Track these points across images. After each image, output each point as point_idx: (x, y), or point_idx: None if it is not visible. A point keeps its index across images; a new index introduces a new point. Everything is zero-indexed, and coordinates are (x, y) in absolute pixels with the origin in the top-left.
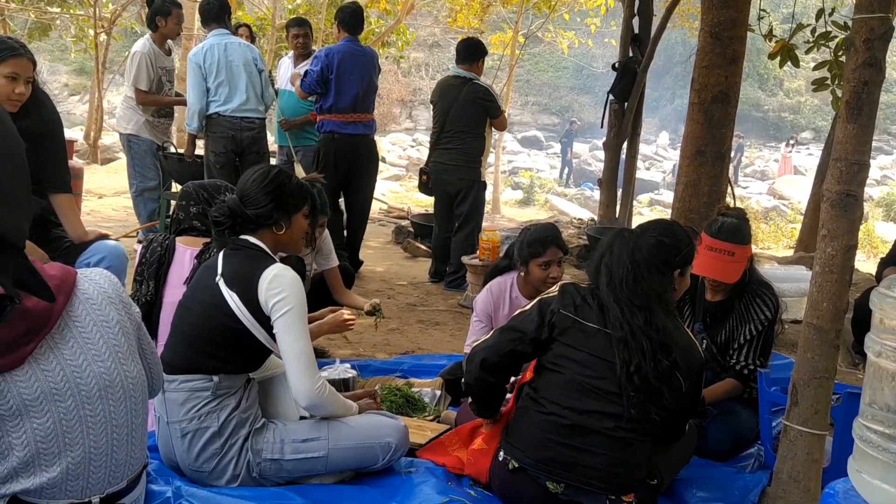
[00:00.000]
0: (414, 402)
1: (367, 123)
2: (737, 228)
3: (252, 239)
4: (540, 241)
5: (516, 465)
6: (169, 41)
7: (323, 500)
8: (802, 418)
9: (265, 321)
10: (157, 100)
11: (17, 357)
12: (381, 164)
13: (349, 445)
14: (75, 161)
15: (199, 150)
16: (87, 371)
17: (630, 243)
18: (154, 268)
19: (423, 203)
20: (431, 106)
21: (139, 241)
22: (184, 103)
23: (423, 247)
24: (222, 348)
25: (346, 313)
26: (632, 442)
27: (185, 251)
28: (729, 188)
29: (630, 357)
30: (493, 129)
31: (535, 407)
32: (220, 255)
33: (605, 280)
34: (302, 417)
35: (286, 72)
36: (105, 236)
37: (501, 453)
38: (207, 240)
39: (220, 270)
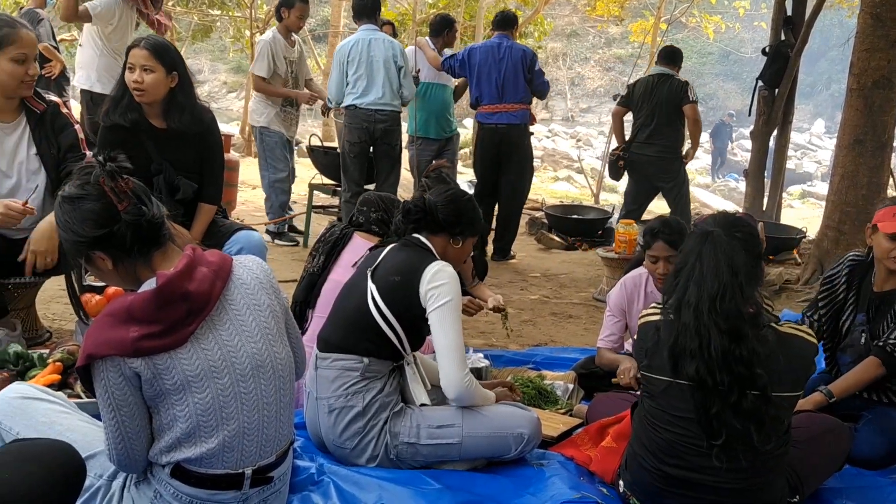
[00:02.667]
0: (546, 395)
1: (513, 113)
2: None
3: (424, 239)
4: (649, 231)
5: None
6: (293, 34)
7: (456, 485)
8: None
9: (407, 316)
10: (271, 90)
11: (181, 337)
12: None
13: (483, 434)
14: (232, 154)
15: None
16: (241, 351)
17: (725, 245)
18: (329, 246)
19: (558, 194)
20: (624, 101)
21: (268, 232)
22: (292, 95)
23: (557, 238)
24: (371, 333)
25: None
26: (752, 485)
27: (362, 242)
28: (890, 179)
29: (708, 402)
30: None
31: (644, 454)
32: (387, 249)
33: (693, 299)
34: (422, 405)
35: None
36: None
37: (622, 485)
38: (382, 240)
39: (376, 263)
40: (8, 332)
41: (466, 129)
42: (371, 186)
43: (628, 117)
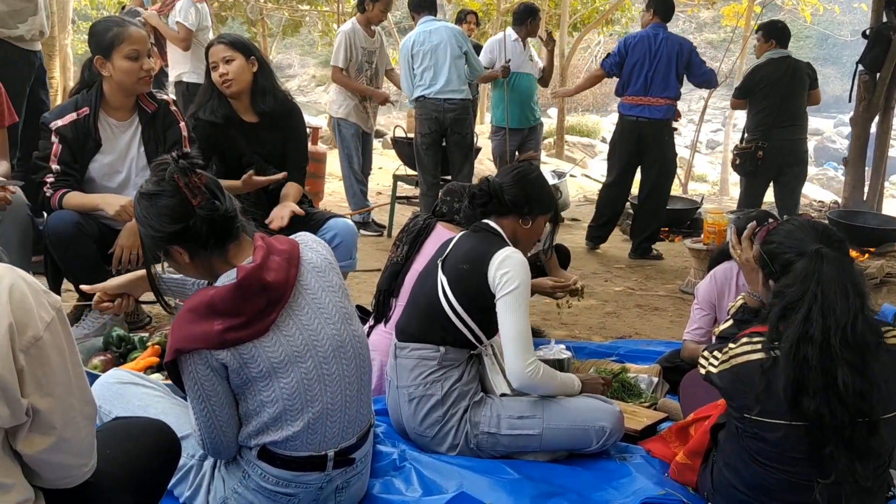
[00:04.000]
0: (630, 388)
1: (657, 107)
2: None
3: (493, 224)
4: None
5: None
6: (374, 25)
7: (537, 476)
8: None
9: (477, 305)
10: (349, 83)
11: (263, 326)
12: (601, 143)
13: (563, 426)
14: (319, 146)
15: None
16: (321, 333)
17: (846, 265)
18: (412, 236)
19: None
20: (743, 92)
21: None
22: (368, 92)
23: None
24: (445, 323)
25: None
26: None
27: (445, 231)
28: None
29: (824, 440)
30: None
31: (743, 489)
32: (457, 237)
33: (818, 333)
34: (503, 394)
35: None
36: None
37: None
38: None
39: (446, 252)
40: (112, 317)
41: (550, 119)
42: (448, 179)
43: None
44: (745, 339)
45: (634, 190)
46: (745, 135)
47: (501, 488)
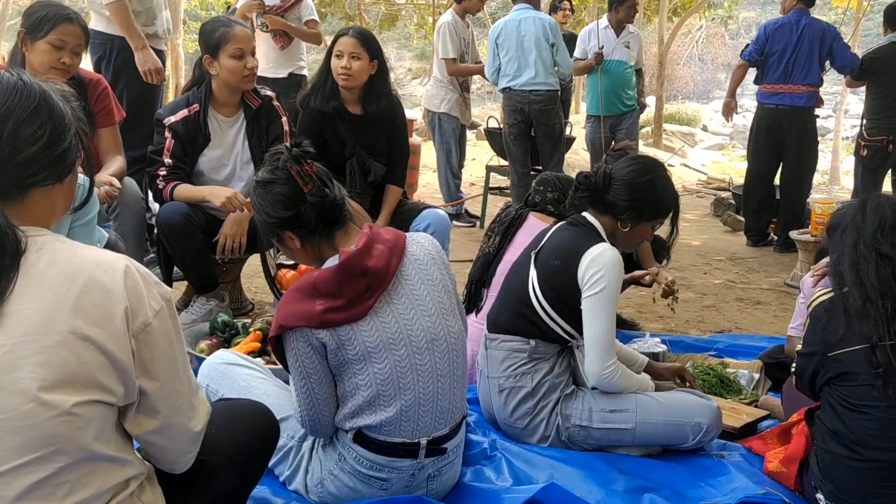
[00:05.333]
0: (728, 384)
1: (798, 95)
2: None
3: (591, 218)
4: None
5: None
6: (468, 15)
7: (630, 470)
8: None
9: (566, 302)
10: (464, 69)
11: (361, 310)
12: (702, 132)
13: (658, 421)
14: (414, 138)
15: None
16: (416, 324)
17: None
18: (504, 226)
19: None
20: (863, 73)
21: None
22: (480, 72)
23: (744, 220)
24: (535, 317)
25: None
26: None
27: (537, 222)
28: None
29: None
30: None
31: (849, 454)
32: (553, 229)
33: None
34: (594, 388)
35: (597, 40)
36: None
37: (821, 499)
38: (557, 221)
39: (540, 245)
40: (218, 303)
41: (648, 108)
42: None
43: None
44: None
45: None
46: (864, 121)
47: (593, 481)
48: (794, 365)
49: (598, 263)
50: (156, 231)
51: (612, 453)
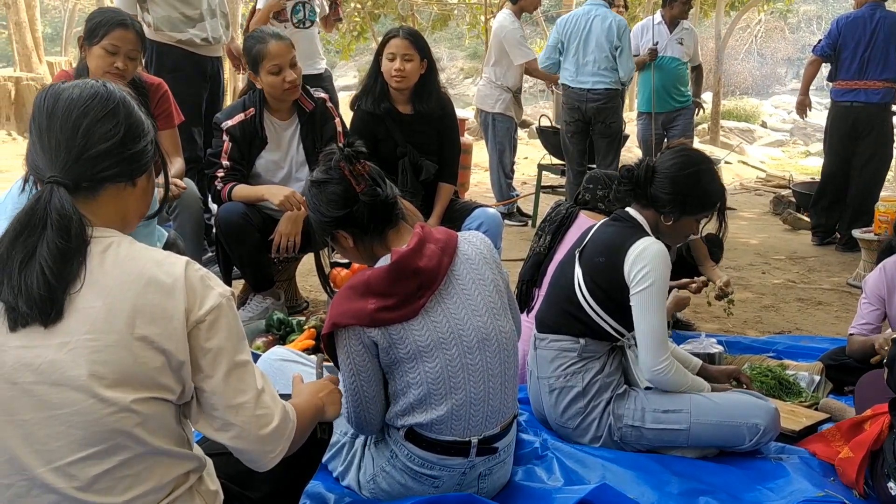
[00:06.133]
0: (788, 386)
1: (874, 91)
2: None
3: (634, 213)
4: None
5: None
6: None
7: (684, 472)
8: None
9: (613, 300)
10: (546, 75)
11: (413, 309)
12: (761, 128)
13: (713, 422)
14: (466, 137)
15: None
16: (467, 324)
17: None
18: (554, 225)
19: (810, 171)
20: None
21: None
22: (553, 79)
23: (805, 218)
24: (583, 315)
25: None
26: None
27: (587, 220)
28: None
29: None
30: None
31: None
32: (596, 226)
33: None
34: (647, 388)
35: (650, 37)
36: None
37: (894, 486)
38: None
39: (584, 243)
40: (274, 301)
41: (705, 104)
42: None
43: None
44: None
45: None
46: None
47: (646, 483)
48: (885, 359)
49: (644, 258)
50: (214, 231)
51: (665, 455)
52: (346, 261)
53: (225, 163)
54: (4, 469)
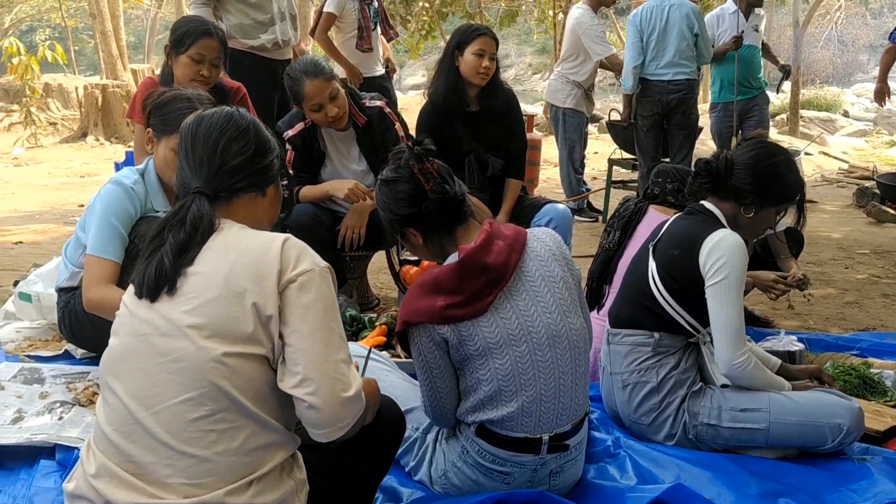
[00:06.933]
0: (872, 385)
1: None
2: None
3: (710, 206)
4: None
5: None
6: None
7: (762, 472)
8: None
9: (689, 293)
10: (620, 63)
11: (481, 306)
12: (842, 118)
13: (793, 422)
14: (534, 133)
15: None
16: (537, 321)
17: None
18: (623, 221)
19: (895, 161)
20: None
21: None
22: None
23: (890, 210)
24: (658, 309)
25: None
26: None
27: (657, 215)
28: None
29: None
30: None
31: None
32: (670, 220)
33: None
34: (724, 385)
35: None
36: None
37: None
38: (678, 213)
39: (658, 237)
40: (346, 299)
41: (784, 94)
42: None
43: None
44: None
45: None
46: None
47: (723, 483)
48: None
49: (720, 250)
50: (287, 232)
51: (743, 455)
52: (415, 258)
53: (289, 172)
54: (121, 412)
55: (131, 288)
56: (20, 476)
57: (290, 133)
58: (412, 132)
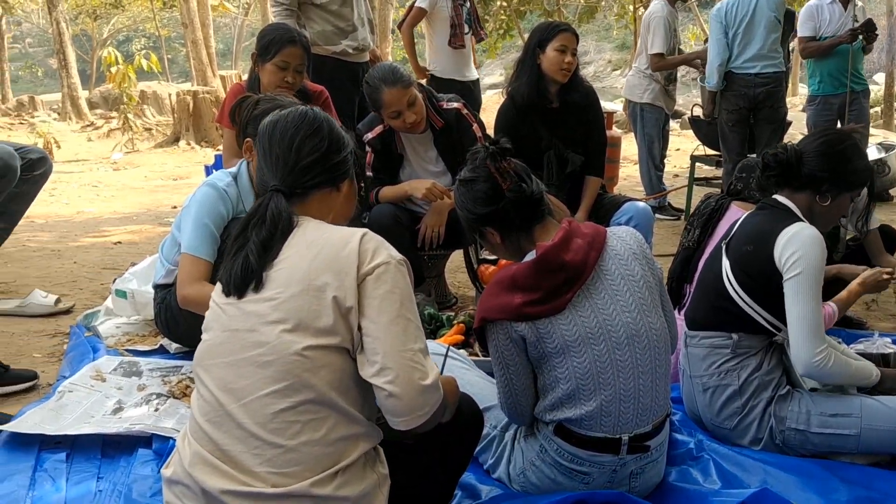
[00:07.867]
0: None
1: None
2: None
3: (784, 199)
4: None
5: None
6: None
7: (853, 479)
8: None
9: (765, 290)
10: (669, 62)
11: (559, 304)
12: None
13: (887, 428)
14: (614, 130)
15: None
16: (616, 319)
17: None
18: (704, 219)
19: None
20: None
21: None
22: (688, 62)
23: None
24: (735, 308)
25: (884, 272)
26: None
27: (738, 212)
28: None
29: None
30: None
31: None
32: (743, 216)
33: None
34: (812, 389)
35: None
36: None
37: None
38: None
39: (731, 234)
40: (424, 297)
41: (877, 86)
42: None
43: None
44: None
45: None
46: None
47: (811, 489)
48: None
49: (796, 243)
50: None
51: (834, 461)
52: (493, 258)
53: (368, 174)
54: (212, 403)
55: (219, 286)
56: (120, 464)
57: (369, 136)
58: (490, 131)
